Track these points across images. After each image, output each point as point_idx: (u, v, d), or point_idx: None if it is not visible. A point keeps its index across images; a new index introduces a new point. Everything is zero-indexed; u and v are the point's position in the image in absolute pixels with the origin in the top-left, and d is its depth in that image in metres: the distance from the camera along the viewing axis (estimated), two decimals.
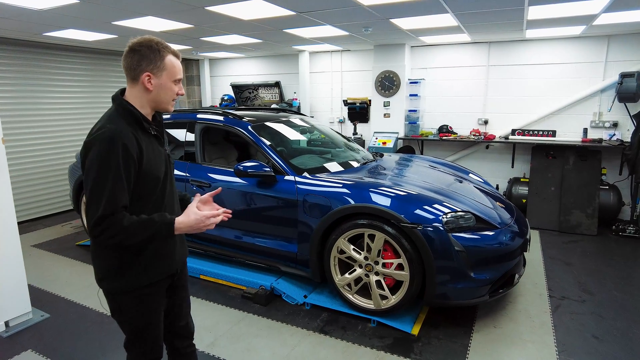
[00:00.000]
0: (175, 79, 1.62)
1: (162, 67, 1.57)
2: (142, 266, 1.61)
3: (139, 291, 1.63)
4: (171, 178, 1.74)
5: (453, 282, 2.85)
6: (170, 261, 1.72)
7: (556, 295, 3.52)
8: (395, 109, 6.44)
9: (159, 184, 1.62)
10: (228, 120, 3.87)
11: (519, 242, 3.13)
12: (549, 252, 4.51)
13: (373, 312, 3.10)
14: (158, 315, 1.74)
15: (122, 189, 1.46)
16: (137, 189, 1.54)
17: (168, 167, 1.71)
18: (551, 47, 5.60)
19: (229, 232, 3.71)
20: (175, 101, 1.70)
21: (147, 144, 1.58)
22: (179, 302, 1.90)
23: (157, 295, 1.70)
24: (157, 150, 1.65)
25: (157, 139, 1.67)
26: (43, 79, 5.93)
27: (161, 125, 1.72)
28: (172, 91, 1.62)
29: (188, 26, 4.63)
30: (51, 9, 3.74)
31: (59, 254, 4.62)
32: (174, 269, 1.75)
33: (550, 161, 5.41)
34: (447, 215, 2.90)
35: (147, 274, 1.63)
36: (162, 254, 1.67)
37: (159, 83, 1.58)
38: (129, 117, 1.56)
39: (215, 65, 8.40)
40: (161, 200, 1.64)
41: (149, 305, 1.68)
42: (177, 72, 1.63)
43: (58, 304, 3.49)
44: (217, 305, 3.42)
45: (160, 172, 1.62)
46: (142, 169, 1.53)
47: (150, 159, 1.57)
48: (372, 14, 4.12)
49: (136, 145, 1.51)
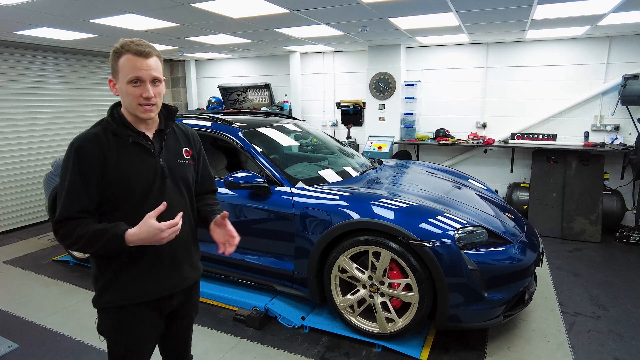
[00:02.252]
0: (129, 79, 1.43)
1: (117, 70, 1.45)
2: (120, 284, 1.51)
3: (116, 311, 1.53)
4: (163, 192, 1.54)
5: (466, 304, 2.61)
6: (153, 284, 1.55)
7: (569, 311, 3.32)
8: (390, 112, 6.21)
9: (133, 194, 1.49)
10: (216, 126, 3.57)
11: (533, 257, 2.92)
12: (555, 262, 4.32)
13: (378, 336, 2.84)
14: (140, 343, 1.57)
15: (79, 194, 1.42)
16: (107, 198, 1.47)
17: (158, 180, 1.54)
18: (551, 48, 5.44)
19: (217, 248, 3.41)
20: (149, 106, 1.47)
21: (123, 152, 1.48)
22: (175, 332, 1.73)
23: (137, 320, 1.56)
24: (141, 160, 1.51)
25: (144, 148, 1.52)
26: (16, 81, 5.53)
27: (162, 136, 1.59)
28: (132, 95, 1.44)
29: (173, 25, 4.31)
30: (18, 5, 3.39)
31: (34, 272, 4.25)
32: (158, 294, 1.57)
33: (551, 166, 5.24)
34: (459, 231, 2.67)
35: (123, 294, 1.52)
36: (143, 275, 1.53)
37: (120, 87, 1.47)
38: (105, 123, 1.51)
39: (202, 67, 8.06)
40: (139, 212, 1.45)
41: (128, 330, 1.56)
42: (131, 70, 1.42)
43: (29, 332, 3.15)
44: (207, 329, 3.12)
45: (137, 183, 1.49)
46: (107, 176, 1.45)
47: (123, 168, 1.47)
48: (372, 13, 3.87)
49: (99, 152, 1.44)
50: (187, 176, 1.66)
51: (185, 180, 1.64)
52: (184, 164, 1.65)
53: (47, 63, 5.87)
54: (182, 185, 1.63)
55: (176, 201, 1.59)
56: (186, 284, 1.66)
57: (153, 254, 1.52)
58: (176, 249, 1.59)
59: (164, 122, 1.61)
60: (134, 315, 1.55)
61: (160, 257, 1.54)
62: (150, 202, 1.51)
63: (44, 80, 5.85)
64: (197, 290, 1.80)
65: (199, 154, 1.76)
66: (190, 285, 1.69)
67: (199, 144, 1.77)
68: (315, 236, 2.93)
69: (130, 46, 1.42)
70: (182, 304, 1.70)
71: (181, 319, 1.74)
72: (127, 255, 1.48)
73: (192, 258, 1.70)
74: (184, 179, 1.64)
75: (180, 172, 1.63)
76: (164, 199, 1.54)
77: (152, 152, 1.54)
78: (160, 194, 1.54)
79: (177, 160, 1.62)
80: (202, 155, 1.79)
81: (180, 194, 1.62)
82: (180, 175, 1.62)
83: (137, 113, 1.48)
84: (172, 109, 1.65)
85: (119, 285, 1.52)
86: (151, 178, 1.52)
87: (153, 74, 1.44)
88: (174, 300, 1.64)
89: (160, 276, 1.56)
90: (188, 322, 1.79)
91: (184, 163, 1.65)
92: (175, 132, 1.68)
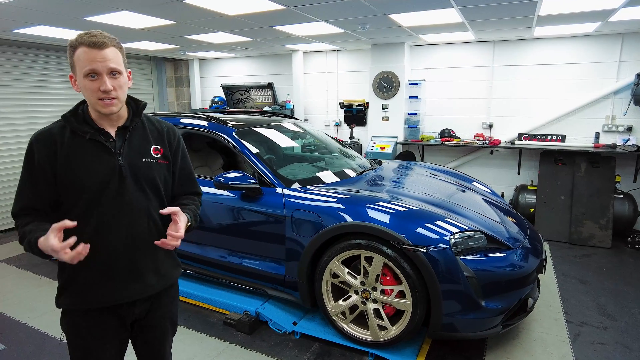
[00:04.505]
0: (85, 72, 1.34)
1: (73, 64, 1.38)
2: (77, 287, 1.45)
3: (74, 314, 1.48)
4: (122, 193, 1.44)
5: (462, 313, 2.48)
6: (108, 290, 1.46)
7: (574, 321, 3.16)
8: (394, 111, 6.08)
9: (85, 194, 1.40)
10: (212, 125, 3.49)
11: (535, 264, 2.77)
12: (561, 268, 4.15)
13: (370, 344, 2.73)
14: (97, 349, 1.50)
15: (26, 190, 1.42)
16: (62, 197, 1.42)
17: (115, 180, 1.43)
18: (560, 46, 5.25)
19: (209, 250, 3.34)
20: (109, 100, 1.37)
21: (77, 150, 1.41)
22: (147, 343, 1.63)
23: (95, 324, 1.48)
24: (96, 158, 1.43)
25: (102, 146, 1.43)
26: (18, 79, 5.54)
27: (125, 133, 1.48)
28: (89, 89, 1.36)
29: (169, 22, 4.25)
30: (9, 2, 3.35)
31: (28, 271, 4.23)
32: (116, 301, 1.48)
33: (559, 168, 5.06)
34: (455, 236, 2.54)
35: (80, 297, 1.45)
36: (99, 280, 1.45)
37: (79, 83, 1.39)
38: (64, 119, 1.45)
39: (205, 66, 8.02)
40: (89, 214, 1.40)
41: (85, 334, 1.48)
42: (86, 63, 1.33)
43: (17, 333, 3.11)
44: (196, 333, 3.04)
45: (90, 182, 1.41)
46: (58, 175, 1.39)
47: (74, 166, 1.40)
48: (369, 9, 3.75)
49: (49, 149, 1.39)
50: (154, 176, 1.52)
51: (151, 181, 1.51)
52: (151, 162, 1.52)
53: (47, 62, 5.87)
54: (146, 186, 1.50)
55: (137, 203, 1.47)
56: (150, 292, 1.54)
57: (107, 258, 1.43)
58: (136, 255, 1.48)
59: (130, 118, 1.50)
60: (90, 321, 1.48)
61: (116, 262, 1.45)
62: (105, 203, 1.42)
63: (43, 79, 5.85)
64: (170, 298, 1.66)
65: (174, 153, 1.61)
66: (156, 292, 1.57)
67: (175, 142, 1.62)
68: (306, 239, 2.82)
69: (84, 38, 1.33)
70: (148, 313, 1.58)
71: (151, 330, 1.62)
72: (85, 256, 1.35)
73: (159, 264, 1.56)
74: (149, 180, 1.51)
75: (145, 171, 1.50)
76: (123, 199, 1.45)
77: (111, 150, 1.44)
78: (118, 194, 1.44)
79: (143, 159, 1.50)
80: (181, 154, 1.65)
81: (144, 196, 1.50)
82: (145, 175, 1.50)
83: (98, 108, 1.39)
84: (140, 103, 1.54)
85: (75, 288, 1.46)
86: (106, 178, 1.42)
87: (109, 65, 1.35)
88: (136, 308, 1.53)
89: (116, 282, 1.46)
90: (160, 333, 1.65)
91: (152, 162, 1.52)
92: (146, 129, 1.55)
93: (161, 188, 1.56)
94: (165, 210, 1.45)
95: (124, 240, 1.45)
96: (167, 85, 7.99)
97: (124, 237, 1.45)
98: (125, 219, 1.45)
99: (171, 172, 1.61)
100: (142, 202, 1.49)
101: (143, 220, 1.49)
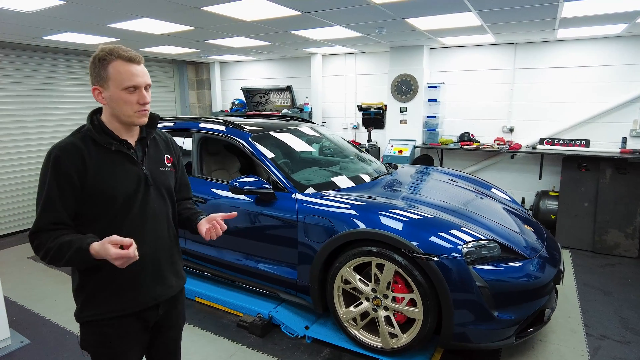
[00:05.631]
0: (125, 87, 1.41)
1: (106, 77, 1.41)
2: (104, 296, 1.48)
3: (99, 324, 1.50)
4: (147, 201, 1.51)
5: (474, 323, 2.45)
6: (137, 295, 1.52)
7: (594, 334, 3.07)
8: (412, 114, 6.02)
9: (115, 204, 1.45)
10: (229, 130, 3.55)
11: (552, 274, 2.71)
12: (583, 278, 4.03)
13: (381, 351, 2.72)
14: (123, 357, 1.54)
15: (54, 206, 1.38)
16: (87, 208, 1.43)
17: (141, 188, 1.51)
18: (585, 48, 5.09)
19: (225, 253, 3.40)
20: (144, 112, 1.47)
21: (104, 161, 1.44)
22: (163, 344, 1.70)
23: (120, 333, 1.52)
24: (124, 169, 1.48)
25: (127, 156, 1.49)
26: (45, 83, 5.78)
27: (144, 143, 1.56)
28: (127, 102, 1.42)
29: (188, 28, 4.35)
30: (39, 11, 3.51)
31: (55, 268, 4.40)
32: (144, 304, 1.54)
33: (583, 174, 4.90)
34: (468, 245, 2.50)
35: (107, 306, 1.48)
36: (127, 286, 1.49)
37: (109, 95, 1.43)
38: (84, 131, 1.47)
39: (226, 69, 8.14)
40: (119, 223, 1.45)
41: (110, 344, 1.51)
42: (127, 78, 1.40)
43: (41, 328, 3.24)
44: (209, 334, 3.10)
45: (120, 192, 1.46)
46: (87, 187, 1.41)
47: (102, 177, 1.43)
48: (385, 13, 3.74)
49: (78, 161, 1.40)
50: (169, 183, 1.64)
51: (168, 188, 1.63)
52: (166, 171, 1.63)
53: (72, 66, 6.08)
54: (165, 192, 1.61)
55: (159, 209, 1.57)
56: (172, 293, 1.63)
57: (136, 264, 1.45)
58: (160, 258, 1.57)
59: (145, 130, 1.58)
60: (117, 329, 1.52)
61: (144, 267, 1.51)
62: (133, 211, 1.49)
63: (69, 82, 6.06)
64: (182, 298, 1.76)
65: (178, 161, 1.75)
66: (175, 293, 1.66)
67: (178, 151, 1.76)
68: (317, 244, 2.84)
69: (118, 52, 1.39)
70: (168, 314, 1.66)
71: (168, 330, 1.70)
72: (109, 266, 1.40)
73: (176, 266, 1.68)
74: (167, 187, 1.62)
75: (163, 179, 1.61)
76: (148, 207, 1.53)
77: (135, 160, 1.51)
78: (144, 202, 1.52)
79: (160, 168, 1.61)
80: (181, 163, 1.78)
81: (164, 202, 1.60)
82: (163, 182, 1.60)
83: (134, 119, 1.46)
84: (154, 116, 1.61)
85: (102, 298, 1.49)
86: (134, 187, 1.49)
87: (147, 80, 1.46)
88: (159, 310, 1.60)
89: (144, 286, 1.53)
90: (176, 332, 1.76)
91: (166, 170, 1.64)
92: (156, 140, 1.66)
93: (174, 193, 1.68)
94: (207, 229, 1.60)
95: (150, 245, 1.53)
96: (189, 88, 8.15)
97: (149, 242, 1.53)
98: (150, 225, 1.53)
99: (175, 179, 1.73)
100: (162, 207, 1.59)
101: (164, 225, 1.60)
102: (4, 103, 5.40)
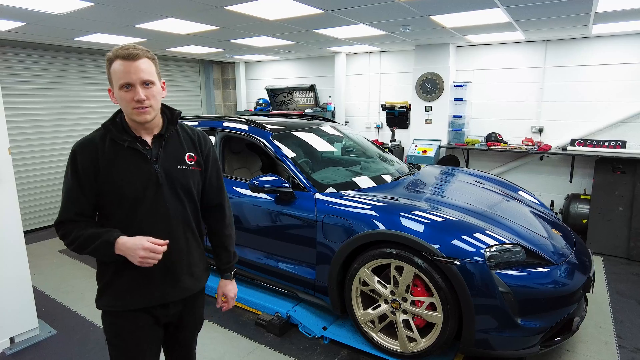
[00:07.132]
0: (120, 85, 1.42)
1: (111, 77, 1.45)
2: (115, 289, 1.52)
3: (114, 315, 1.55)
4: (159, 200, 1.50)
5: (496, 330, 2.36)
6: (144, 292, 1.53)
7: (628, 346, 2.91)
8: (437, 114, 5.90)
9: (124, 201, 1.47)
10: (251, 129, 3.57)
11: (581, 282, 2.59)
12: (616, 286, 3.84)
13: (399, 355, 2.67)
14: (137, 349, 1.56)
15: (76, 197, 1.46)
16: (104, 203, 1.48)
17: (151, 187, 1.49)
18: (620, 45, 4.84)
19: (247, 251, 3.42)
20: (143, 109, 1.43)
21: (117, 158, 1.47)
22: (178, 342, 1.71)
23: (133, 326, 1.55)
24: (135, 166, 1.48)
25: (139, 154, 1.49)
26: (76, 83, 6.00)
27: (161, 140, 1.55)
28: (125, 100, 1.43)
29: (213, 28, 4.40)
30: (69, 13, 3.64)
31: (83, 262, 4.55)
32: (150, 302, 1.54)
33: (618, 177, 4.67)
34: (492, 249, 2.42)
35: (118, 300, 1.53)
36: (135, 283, 1.52)
37: (116, 94, 1.46)
38: (106, 128, 1.51)
39: (251, 68, 8.22)
40: (131, 221, 1.48)
41: (124, 335, 1.56)
42: (120, 77, 1.41)
43: (68, 320, 3.35)
44: (228, 331, 3.13)
45: (128, 190, 1.47)
46: (100, 182, 1.45)
47: (114, 174, 1.46)
48: (410, 11, 3.67)
49: (92, 156, 1.45)
50: (189, 183, 1.58)
51: (186, 188, 1.57)
52: (186, 170, 1.57)
53: (100, 66, 6.26)
54: (181, 192, 1.56)
55: (174, 210, 1.54)
56: (185, 294, 1.61)
57: None
58: (173, 259, 1.55)
59: (165, 127, 1.57)
60: (130, 321, 1.54)
61: (153, 266, 1.48)
62: (143, 210, 1.48)
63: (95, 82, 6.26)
64: (200, 302, 1.74)
65: (206, 160, 1.66)
66: (191, 295, 1.65)
67: (207, 149, 1.67)
68: (336, 244, 2.82)
69: (118, 52, 1.41)
70: (182, 315, 1.65)
71: (183, 330, 1.70)
72: (122, 260, 1.44)
73: (194, 268, 1.63)
74: (185, 186, 1.57)
75: (181, 178, 1.56)
76: (159, 205, 1.51)
77: (148, 158, 1.50)
78: (155, 202, 1.50)
79: (178, 166, 1.56)
80: (212, 162, 1.69)
81: (179, 202, 1.56)
82: (181, 182, 1.56)
83: (134, 117, 1.45)
84: (174, 112, 1.60)
85: (114, 290, 1.52)
86: (144, 185, 1.48)
87: (142, 76, 1.41)
88: (170, 309, 1.60)
89: (152, 285, 1.53)
90: (191, 332, 1.75)
91: (187, 169, 1.58)
92: (180, 137, 1.61)
93: (195, 194, 1.62)
94: None
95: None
96: (215, 87, 8.28)
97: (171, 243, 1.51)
98: (162, 225, 1.51)
99: (203, 178, 1.66)
100: (178, 208, 1.55)
101: (179, 226, 1.56)
102: (41, 102, 5.64)
